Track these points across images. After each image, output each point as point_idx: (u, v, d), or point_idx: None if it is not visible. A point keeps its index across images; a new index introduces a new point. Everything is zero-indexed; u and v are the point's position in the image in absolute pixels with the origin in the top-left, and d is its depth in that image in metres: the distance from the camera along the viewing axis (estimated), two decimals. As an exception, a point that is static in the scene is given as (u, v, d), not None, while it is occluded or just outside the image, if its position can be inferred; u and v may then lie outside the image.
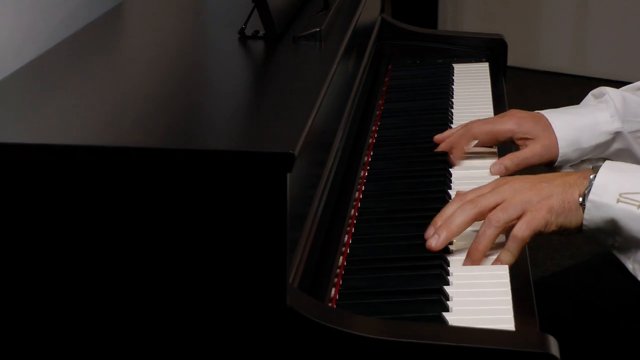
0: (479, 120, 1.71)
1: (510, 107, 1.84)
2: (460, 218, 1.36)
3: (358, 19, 1.71)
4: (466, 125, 1.69)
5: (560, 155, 1.65)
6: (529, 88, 4.48)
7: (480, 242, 1.36)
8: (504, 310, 1.25)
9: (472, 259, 1.35)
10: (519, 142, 1.67)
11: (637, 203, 1.29)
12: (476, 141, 1.68)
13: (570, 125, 1.66)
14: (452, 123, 1.85)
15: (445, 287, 1.29)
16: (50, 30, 1.64)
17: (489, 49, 2.19)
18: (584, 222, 1.33)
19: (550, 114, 1.68)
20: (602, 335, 1.59)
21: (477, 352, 1.12)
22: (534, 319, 1.26)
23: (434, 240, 1.36)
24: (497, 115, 1.73)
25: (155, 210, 1.13)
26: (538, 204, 1.34)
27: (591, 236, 1.34)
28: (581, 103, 1.76)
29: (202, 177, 1.12)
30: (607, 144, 1.67)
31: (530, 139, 1.66)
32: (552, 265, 3.09)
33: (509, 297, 1.27)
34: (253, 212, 1.12)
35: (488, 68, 2.13)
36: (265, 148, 1.13)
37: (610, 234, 1.32)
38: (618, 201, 1.30)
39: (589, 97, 1.74)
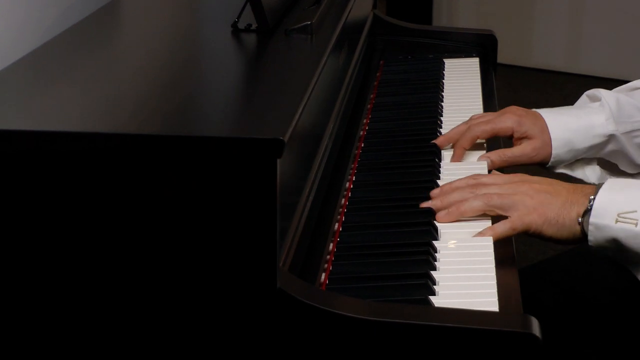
0: (478, 118, 1.73)
1: (502, 104, 1.87)
2: (470, 209, 1.44)
3: (349, 13, 1.74)
4: (467, 123, 1.71)
5: (553, 156, 1.68)
6: (523, 86, 4.49)
7: (464, 206, 1.43)
8: (489, 294, 1.28)
9: (450, 217, 1.44)
10: (516, 141, 1.70)
11: (635, 221, 1.32)
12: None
13: (566, 127, 1.69)
14: (441, 116, 1.88)
15: (433, 272, 1.32)
16: (48, 23, 1.67)
17: (480, 45, 2.22)
18: (590, 243, 1.37)
19: (547, 114, 1.70)
20: (587, 322, 1.62)
21: (461, 332, 1.15)
22: (518, 303, 1.29)
23: (444, 214, 1.45)
24: (497, 113, 1.74)
25: (150, 196, 1.17)
26: (534, 209, 1.39)
27: (601, 254, 1.39)
28: (575, 104, 1.78)
29: (195, 163, 1.16)
30: (601, 145, 1.70)
31: (527, 138, 1.69)
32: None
33: (494, 282, 1.31)
34: (245, 197, 1.16)
35: (478, 63, 2.16)
36: (256, 134, 1.17)
37: (618, 251, 1.36)
38: (617, 221, 1.33)
39: (584, 98, 1.76)
